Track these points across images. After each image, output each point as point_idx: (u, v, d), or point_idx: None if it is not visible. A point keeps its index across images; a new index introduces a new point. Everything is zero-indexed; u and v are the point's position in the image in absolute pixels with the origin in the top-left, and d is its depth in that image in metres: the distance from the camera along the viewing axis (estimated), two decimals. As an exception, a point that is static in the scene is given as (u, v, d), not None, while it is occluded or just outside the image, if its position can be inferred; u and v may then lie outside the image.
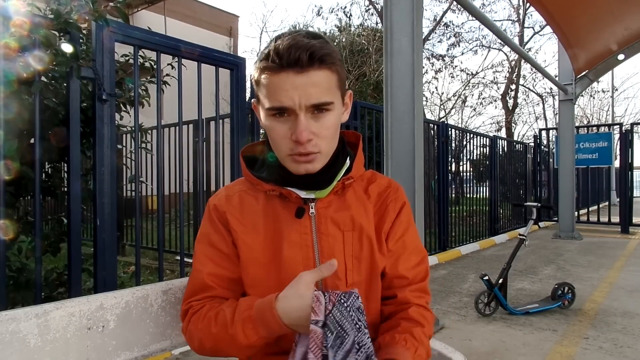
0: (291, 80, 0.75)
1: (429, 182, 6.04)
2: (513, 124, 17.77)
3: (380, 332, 0.88)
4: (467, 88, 16.11)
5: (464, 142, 7.25)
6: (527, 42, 16.09)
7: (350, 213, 0.89)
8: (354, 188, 0.92)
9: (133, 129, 2.66)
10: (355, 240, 0.88)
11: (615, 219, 8.54)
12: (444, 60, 14.55)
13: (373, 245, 0.89)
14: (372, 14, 12.98)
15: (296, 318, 0.73)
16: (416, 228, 0.97)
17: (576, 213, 8.20)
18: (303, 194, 0.86)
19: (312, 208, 0.87)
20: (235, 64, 3.04)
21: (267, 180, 0.88)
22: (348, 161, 0.92)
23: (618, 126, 9.06)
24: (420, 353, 0.83)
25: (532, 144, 10.40)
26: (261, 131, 4.32)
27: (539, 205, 3.70)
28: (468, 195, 7.73)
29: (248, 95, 3.28)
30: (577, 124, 13.52)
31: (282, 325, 0.74)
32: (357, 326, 0.71)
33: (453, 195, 7.03)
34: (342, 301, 0.72)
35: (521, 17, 15.73)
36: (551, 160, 10.73)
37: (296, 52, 0.74)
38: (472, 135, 7.36)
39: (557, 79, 7.46)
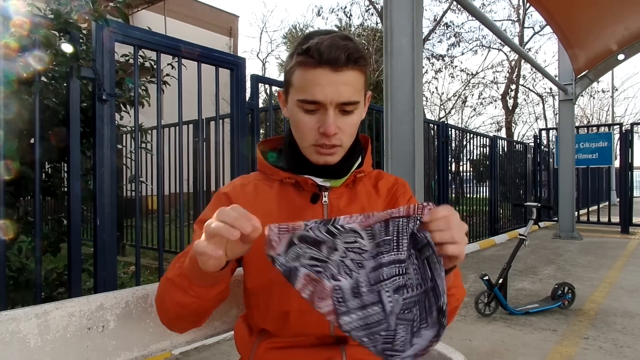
0: (327, 76, 0.80)
1: (429, 182, 6.03)
2: (513, 124, 17.79)
3: None
4: (467, 88, 16.15)
5: (464, 142, 7.25)
6: (527, 42, 16.12)
7: (361, 204, 0.94)
8: (364, 182, 0.97)
9: (133, 129, 2.66)
10: None
11: (615, 219, 8.53)
12: (444, 60, 14.60)
13: None
14: (372, 14, 13.02)
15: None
16: None
17: (576, 213, 8.19)
18: (319, 181, 0.90)
19: (325, 197, 0.91)
20: (235, 64, 3.03)
21: (284, 169, 0.92)
22: (360, 158, 0.97)
23: (618, 126, 9.06)
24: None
25: (532, 144, 10.39)
26: (261, 132, 4.32)
27: (539, 205, 3.69)
28: (468, 195, 7.72)
29: (248, 95, 3.28)
30: (577, 124, 13.52)
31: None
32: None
33: (453, 195, 7.03)
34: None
35: (521, 17, 15.76)
36: (551, 160, 10.72)
37: (335, 52, 0.79)
38: (472, 135, 7.35)
39: (557, 79, 7.45)
